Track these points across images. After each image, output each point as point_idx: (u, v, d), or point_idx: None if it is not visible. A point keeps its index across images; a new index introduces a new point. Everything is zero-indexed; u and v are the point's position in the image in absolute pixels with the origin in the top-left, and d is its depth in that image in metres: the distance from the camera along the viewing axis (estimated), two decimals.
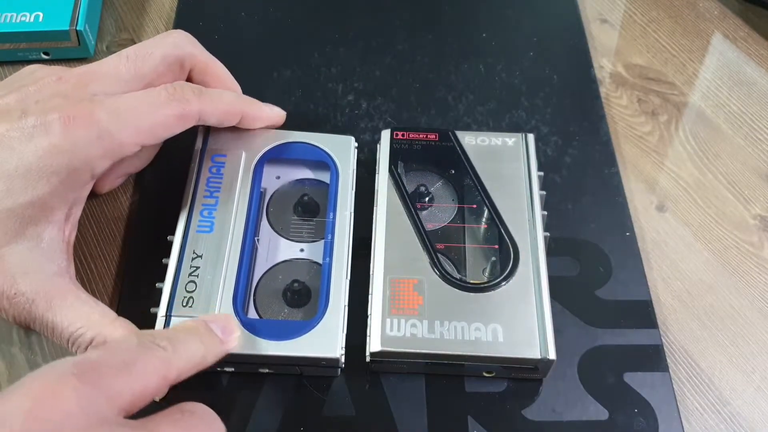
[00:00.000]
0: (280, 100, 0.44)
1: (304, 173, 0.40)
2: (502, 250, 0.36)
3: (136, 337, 0.28)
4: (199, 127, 0.39)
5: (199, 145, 0.39)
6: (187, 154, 0.39)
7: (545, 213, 0.37)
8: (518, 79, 0.47)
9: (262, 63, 0.47)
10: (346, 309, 0.34)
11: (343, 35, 0.50)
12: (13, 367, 0.35)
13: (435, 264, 0.35)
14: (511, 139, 0.40)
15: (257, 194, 0.38)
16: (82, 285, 0.37)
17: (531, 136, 0.40)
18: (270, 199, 0.39)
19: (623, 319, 0.37)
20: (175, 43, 0.37)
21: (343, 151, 0.40)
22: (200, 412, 0.27)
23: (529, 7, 0.52)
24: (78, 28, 0.45)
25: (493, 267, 0.36)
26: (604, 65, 0.49)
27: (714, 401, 0.35)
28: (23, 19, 0.45)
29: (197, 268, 0.34)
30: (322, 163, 0.39)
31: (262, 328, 0.33)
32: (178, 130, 0.35)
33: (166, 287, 0.34)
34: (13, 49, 0.46)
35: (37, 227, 0.32)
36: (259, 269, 0.36)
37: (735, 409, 0.35)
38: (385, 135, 0.40)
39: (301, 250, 0.37)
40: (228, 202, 0.37)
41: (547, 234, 0.37)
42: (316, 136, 0.40)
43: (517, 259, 0.35)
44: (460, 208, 0.39)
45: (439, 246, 0.37)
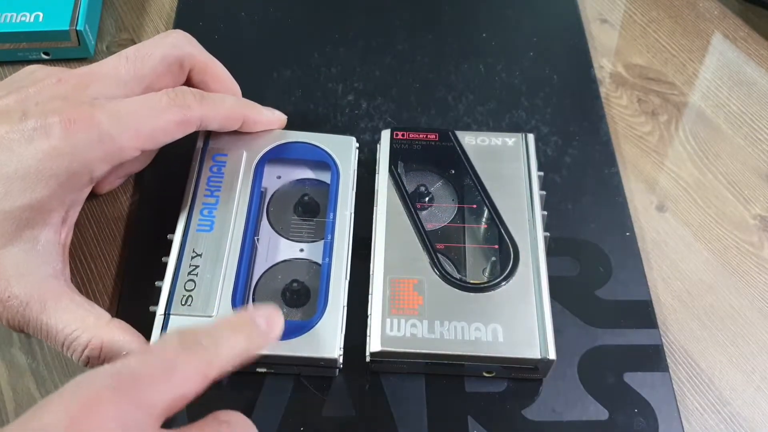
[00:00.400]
0: (280, 100, 0.44)
1: (305, 173, 0.40)
2: (502, 250, 0.36)
3: (178, 338, 0.27)
4: None
5: (200, 144, 0.39)
6: (187, 154, 0.39)
7: (545, 213, 0.37)
8: (518, 79, 0.47)
9: (262, 63, 0.47)
10: (345, 309, 0.34)
11: (343, 35, 0.50)
12: (13, 368, 0.35)
13: (435, 264, 0.35)
14: (511, 139, 0.40)
15: (258, 194, 0.38)
16: (82, 285, 0.37)
17: (531, 136, 0.40)
18: (270, 199, 0.39)
19: (623, 319, 0.37)
20: (174, 44, 0.36)
21: (344, 152, 0.40)
22: (237, 422, 0.27)
23: (529, 7, 0.52)
24: (78, 28, 0.45)
25: (493, 267, 0.36)
26: (604, 65, 0.49)
27: (714, 401, 0.35)
28: (23, 19, 0.45)
29: (197, 266, 0.34)
30: (323, 163, 0.39)
31: None
32: (179, 135, 0.35)
33: (166, 285, 0.34)
34: (13, 49, 0.46)
35: (33, 230, 0.32)
36: (259, 268, 0.36)
37: (735, 409, 0.35)
38: (385, 135, 0.40)
39: (301, 250, 0.37)
40: (228, 201, 0.37)
41: (547, 234, 0.37)
42: (317, 136, 0.40)
43: (517, 259, 0.35)
44: (460, 208, 0.39)
45: (439, 246, 0.37)
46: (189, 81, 0.38)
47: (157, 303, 0.34)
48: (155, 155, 0.40)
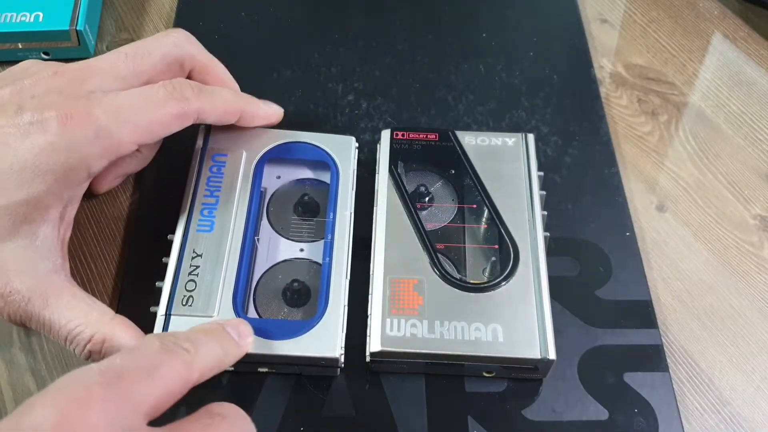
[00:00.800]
0: (280, 100, 0.44)
1: (305, 173, 0.40)
2: (502, 250, 0.36)
3: (159, 341, 0.27)
4: (200, 126, 0.39)
5: (199, 144, 0.39)
6: (187, 154, 0.39)
7: (545, 213, 0.37)
8: (518, 79, 0.47)
9: (262, 63, 0.47)
10: (346, 309, 0.34)
11: (343, 35, 0.49)
12: (13, 368, 0.35)
13: (435, 264, 0.35)
14: (511, 139, 0.40)
15: (257, 194, 0.38)
16: (82, 285, 0.37)
17: (531, 136, 0.40)
18: (270, 199, 0.39)
19: (623, 319, 0.37)
20: (176, 43, 0.36)
21: (344, 151, 0.40)
22: (230, 414, 0.27)
23: (529, 7, 0.52)
24: (78, 28, 0.45)
25: (493, 267, 0.36)
26: (604, 65, 0.49)
27: (714, 401, 0.35)
28: (23, 19, 0.45)
29: (197, 267, 0.34)
30: (323, 163, 0.39)
31: (262, 328, 0.33)
32: (177, 128, 0.35)
33: (166, 286, 0.34)
34: (13, 49, 0.46)
35: (31, 225, 0.32)
36: (259, 268, 0.36)
37: (735, 409, 0.35)
38: (385, 135, 0.40)
39: (301, 250, 0.37)
40: (228, 201, 0.37)
41: (547, 234, 0.37)
42: (317, 136, 0.40)
43: (517, 259, 0.35)
44: (460, 208, 0.39)
45: (439, 246, 0.37)
46: (189, 78, 0.37)
47: (157, 304, 0.34)
48: (155, 154, 0.40)
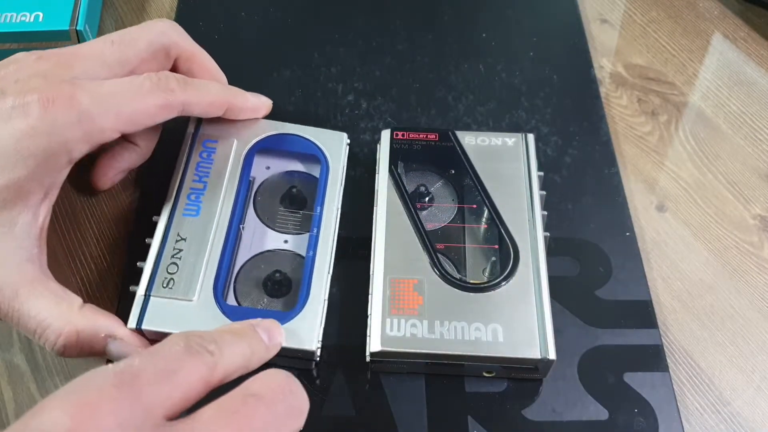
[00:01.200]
0: (280, 100, 0.44)
1: (295, 165, 0.40)
2: (502, 250, 0.36)
3: (183, 341, 0.26)
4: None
5: (191, 129, 0.39)
6: None
7: (545, 213, 0.37)
8: (518, 79, 0.47)
9: (262, 63, 0.47)
10: (326, 303, 0.34)
11: (343, 35, 0.49)
12: (13, 368, 0.35)
13: (435, 264, 0.35)
14: (511, 139, 0.40)
15: (246, 182, 0.38)
16: (82, 285, 0.37)
17: (531, 136, 0.40)
18: (258, 189, 0.39)
19: (623, 319, 0.37)
20: (162, 31, 0.36)
21: (335, 147, 0.40)
22: (267, 394, 0.25)
23: (529, 7, 0.52)
24: (78, 28, 0.45)
25: (493, 267, 0.36)
26: (604, 65, 0.49)
27: (714, 401, 0.35)
28: (23, 19, 0.45)
29: (180, 250, 0.34)
30: (313, 156, 0.39)
31: (241, 316, 0.33)
32: (161, 120, 0.34)
33: (148, 267, 0.34)
34: (13, 49, 0.46)
35: (11, 212, 0.31)
36: (242, 256, 0.36)
37: (735, 409, 0.35)
38: (385, 135, 0.40)
39: (285, 242, 0.37)
40: (216, 187, 0.37)
41: (547, 234, 0.37)
42: (309, 129, 0.40)
43: (517, 259, 0.35)
44: (460, 208, 0.39)
45: (439, 246, 0.37)
46: (175, 70, 0.37)
47: (137, 284, 0.33)
48: (153, 153, 0.39)
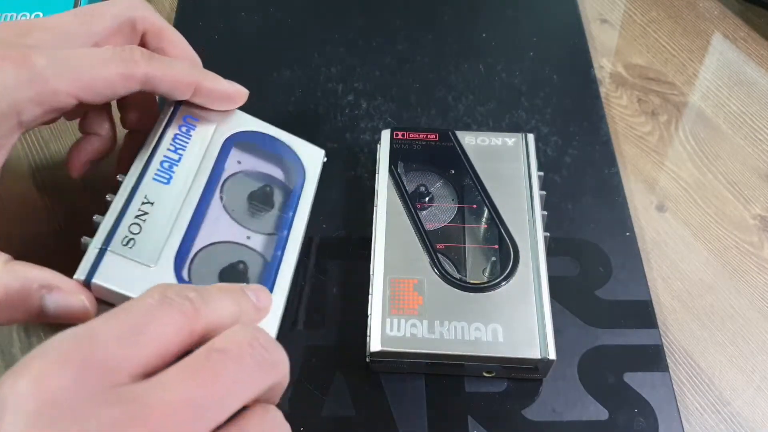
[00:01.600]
0: (280, 100, 0.44)
1: (267, 168, 0.39)
2: (502, 250, 0.36)
3: (159, 293, 0.24)
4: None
5: (169, 106, 0.37)
6: None
7: (545, 213, 0.37)
8: (518, 79, 0.47)
9: (262, 63, 0.47)
10: (284, 306, 0.34)
11: (343, 35, 0.50)
12: None
13: (435, 264, 0.35)
14: (511, 139, 0.40)
15: (220, 168, 0.37)
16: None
17: (531, 136, 0.40)
18: (226, 180, 0.38)
19: (623, 319, 0.37)
20: (129, 5, 0.35)
21: (313, 161, 0.40)
22: (232, 347, 0.23)
23: (529, 7, 0.52)
24: None
25: (493, 267, 0.36)
26: (604, 65, 0.49)
27: (714, 401, 0.35)
28: (23, 18, 0.45)
29: (146, 213, 0.33)
30: (289, 163, 0.39)
31: None
32: (122, 91, 0.33)
33: (108, 220, 0.32)
34: None
35: None
36: (203, 239, 0.35)
37: (735, 409, 0.35)
38: (385, 135, 0.40)
39: (248, 238, 0.36)
40: (191, 163, 0.35)
41: (547, 234, 0.37)
42: (291, 137, 0.40)
43: (517, 259, 0.35)
44: (460, 208, 0.39)
45: (439, 246, 0.37)
46: (145, 47, 0.36)
47: (91, 236, 0.31)
48: (117, 140, 0.38)
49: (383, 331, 0.33)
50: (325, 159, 0.40)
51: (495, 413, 0.33)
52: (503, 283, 0.34)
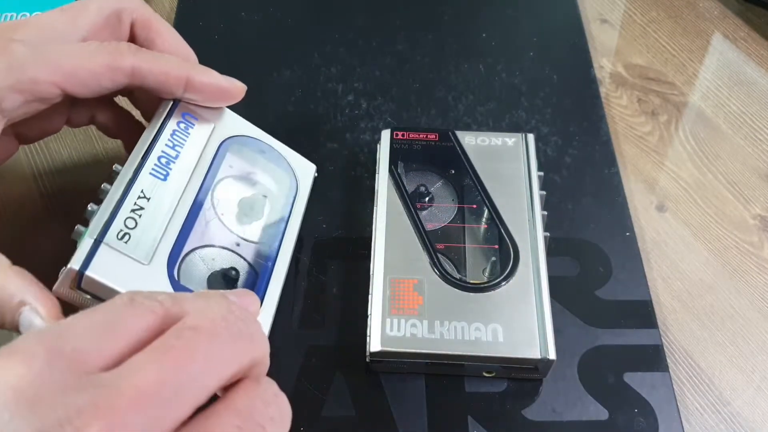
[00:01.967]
0: (280, 100, 0.44)
1: (261, 176, 0.38)
2: (502, 250, 0.36)
3: (128, 295, 0.24)
4: None
5: (168, 102, 0.36)
6: None
7: (545, 213, 0.37)
8: (518, 79, 0.47)
9: (262, 63, 0.47)
10: (273, 316, 0.34)
11: (343, 35, 0.50)
12: None
13: (435, 264, 0.35)
14: (511, 139, 0.40)
15: (216, 169, 0.36)
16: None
17: (531, 136, 0.40)
18: (219, 182, 0.37)
19: (623, 319, 0.37)
20: None
21: (305, 174, 0.40)
22: (208, 325, 0.22)
23: (529, 7, 0.52)
24: None
25: (493, 267, 0.36)
26: (604, 65, 0.49)
27: (714, 401, 0.35)
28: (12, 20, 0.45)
29: (142, 208, 0.32)
30: (280, 174, 0.39)
31: None
32: (108, 84, 0.32)
33: (104, 211, 0.31)
34: None
35: None
36: (193, 241, 0.34)
37: (735, 409, 0.35)
38: (385, 135, 0.40)
39: (238, 245, 0.36)
40: (188, 161, 0.35)
41: (547, 234, 0.37)
42: (286, 149, 0.39)
43: (517, 259, 0.35)
44: (460, 208, 0.39)
45: (439, 246, 0.37)
46: (134, 41, 0.36)
47: (85, 225, 0.31)
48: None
49: (383, 331, 0.33)
50: (316, 174, 0.40)
51: (495, 413, 0.33)
52: (503, 283, 0.34)
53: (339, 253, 0.39)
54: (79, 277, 0.29)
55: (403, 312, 0.34)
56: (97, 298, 0.29)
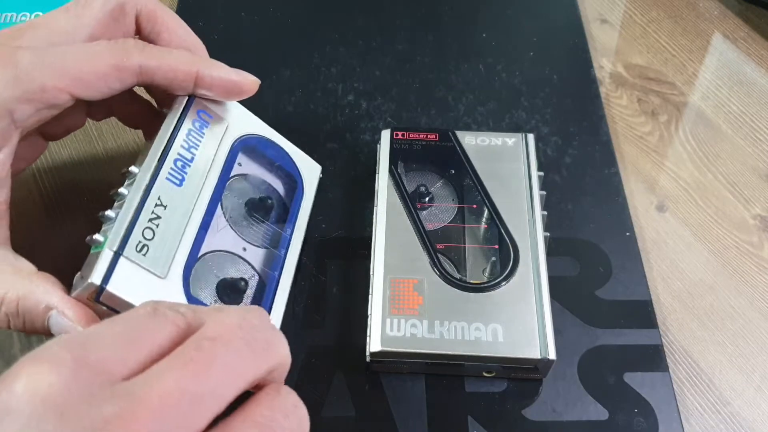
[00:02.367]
0: (280, 100, 0.44)
1: (268, 176, 0.38)
2: (502, 250, 0.36)
3: (152, 305, 0.24)
4: None
5: (182, 98, 0.35)
6: None
7: (545, 213, 0.37)
8: (518, 79, 0.47)
9: (262, 63, 0.47)
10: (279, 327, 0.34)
11: (343, 35, 0.50)
12: None
13: (435, 264, 0.35)
14: (511, 139, 0.40)
15: (228, 172, 0.35)
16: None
17: (531, 136, 0.40)
18: (228, 182, 0.36)
19: (623, 319, 0.37)
20: None
21: (311, 175, 0.39)
22: (225, 335, 0.23)
23: (529, 7, 0.52)
24: None
25: (493, 267, 0.36)
26: (604, 65, 0.49)
27: (714, 401, 0.35)
28: (23, 19, 0.45)
29: (159, 217, 0.31)
30: (288, 174, 0.38)
31: None
32: (116, 84, 0.32)
33: (122, 221, 0.30)
34: None
35: None
36: (204, 247, 0.33)
37: (735, 409, 0.35)
38: (385, 135, 0.40)
39: (244, 249, 0.35)
40: (203, 164, 0.34)
41: (547, 234, 0.37)
42: (293, 148, 0.39)
43: (517, 259, 0.35)
44: (460, 208, 0.39)
45: (439, 246, 0.37)
46: (141, 34, 0.35)
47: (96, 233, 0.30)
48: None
49: (383, 331, 0.33)
50: (321, 175, 0.40)
51: (495, 413, 0.33)
52: (503, 283, 0.34)
53: (339, 253, 0.39)
54: (100, 291, 0.28)
55: (403, 312, 0.34)
56: (113, 310, 0.29)
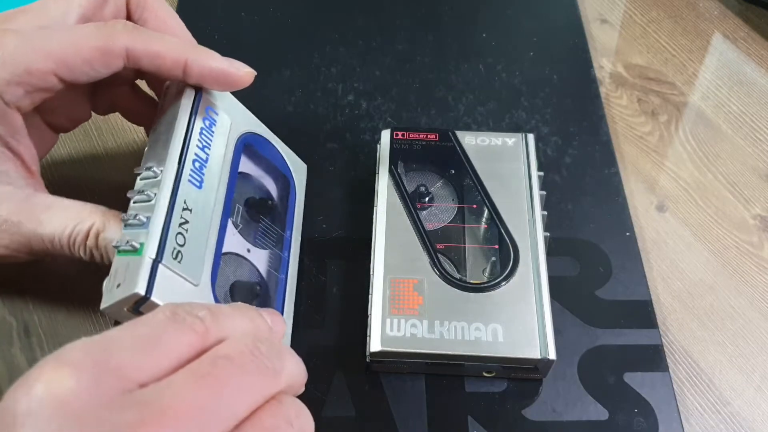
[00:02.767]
0: (280, 100, 0.44)
1: (261, 175, 0.38)
2: (502, 250, 0.36)
3: (170, 310, 0.24)
4: None
5: (191, 92, 0.34)
6: None
7: (545, 213, 0.37)
8: (518, 79, 0.47)
9: (262, 63, 0.47)
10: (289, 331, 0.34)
11: (343, 35, 0.50)
12: (13, 368, 0.35)
13: (435, 264, 0.35)
14: (511, 139, 0.40)
15: (235, 172, 0.34)
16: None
17: (531, 136, 0.40)
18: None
19: (623, 319, 0.37)
20: None
21: (299, 174, 0.40)
22: (239, 357, 0.23)
23: (529, 7, 0.52)
24: None
25: (493, 267, 0.36)
26: (604, 65, 0.49)
27: (714, 401, 0.35)
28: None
29: (187, 221, 0.30)
30: (279, 173, 0.38)
31: None
32: (102, 68, 0.31)
33: (156, 226, 0.29)
34: None
35: None
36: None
37: (735, 409, 0.35)
38: (385, 135, 0.40)
39: (249, 251, 0.35)
40: (216, 164, 0.33)
41: (547, 234, 0.37)
42: (283, 146, 0.39)
43: (517, 259, 0.35)
44: (460, 208, 0.39)
45: (439, 246, 0.37)
46: (130, 19, 0.35)
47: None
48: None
49: (383, 331, 0.33)
50: (306, 176, 0.41)
51: (495, 413, 0.33)
52: (503, 283, 0.34)
53: (339, 253, 0.39)
54: (142, 300, 0.27)
55: (403, 312, 0.34)
56: (140, 314, 0.28)
